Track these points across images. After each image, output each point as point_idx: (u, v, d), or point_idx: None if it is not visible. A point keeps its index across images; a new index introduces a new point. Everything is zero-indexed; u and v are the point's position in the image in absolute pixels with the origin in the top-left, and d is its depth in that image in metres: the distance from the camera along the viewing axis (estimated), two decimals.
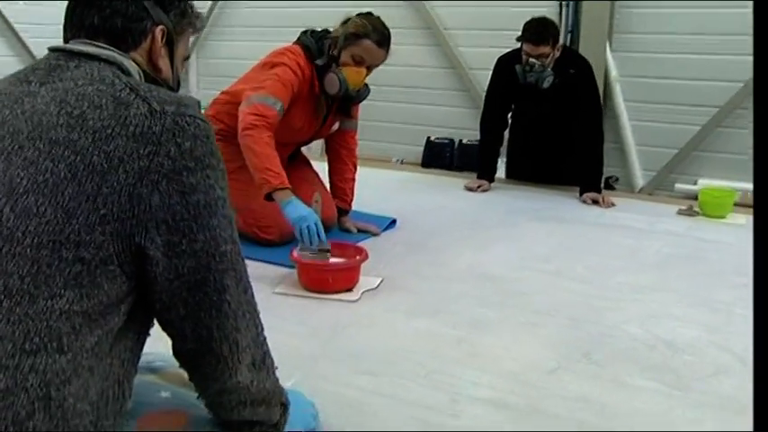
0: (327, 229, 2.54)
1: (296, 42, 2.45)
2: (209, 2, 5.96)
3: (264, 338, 1.09)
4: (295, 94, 2.34)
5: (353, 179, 2.66)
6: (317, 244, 2.09)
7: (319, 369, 1.54)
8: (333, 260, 2.07)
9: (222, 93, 2.57)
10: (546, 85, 3.11)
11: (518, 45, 3.14)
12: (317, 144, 2.87)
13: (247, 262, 2.23)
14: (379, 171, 3.88)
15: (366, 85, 2.49)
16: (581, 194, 3.20)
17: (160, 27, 1.07)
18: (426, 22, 5.10)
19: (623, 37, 4.45)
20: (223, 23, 6.04)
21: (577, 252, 2.44)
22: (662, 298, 2.02)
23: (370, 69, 2.42)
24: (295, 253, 2.06)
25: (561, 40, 4.37)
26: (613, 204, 3.12)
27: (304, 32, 2.47)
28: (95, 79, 0.92)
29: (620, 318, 1.86)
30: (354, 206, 2.70)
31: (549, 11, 4.47)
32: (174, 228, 0.89)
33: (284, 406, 1.16)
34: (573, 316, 1.86)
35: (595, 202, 3.14)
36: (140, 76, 1.03)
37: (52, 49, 1.00)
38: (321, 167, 2.74)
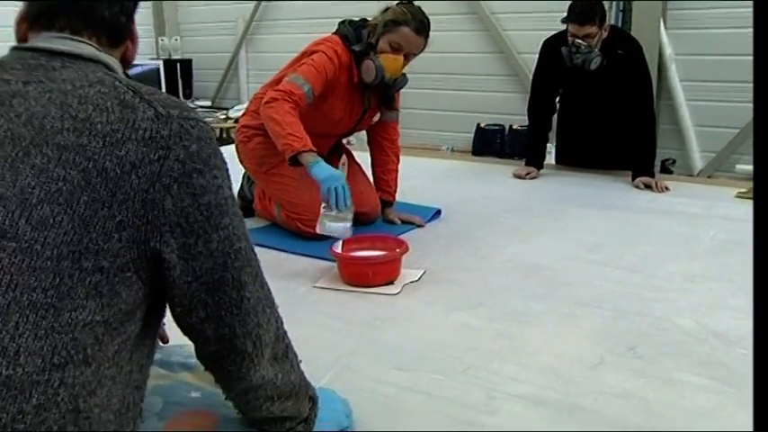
0: (371, 220, 2.55)
1: (335, 33, 2.44)
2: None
3: (285, 332, 1.08)
4: (331, 82, 2.32)
5: (396, 170, 2.64)
6: (344, 208, 2.09)
7: (355, 365, 1.52)
8: (373, 253, 2.05)
9: (262, 87, 2.58)
10: (593, 66, 3.01)
11: (564, 27, 3.05)
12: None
13: (288, 256, 2.26)
14: (427, 160, 3.85)
15: (404, 74, 2.45)
16: (633, 179, 3.10)
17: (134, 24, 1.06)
18: (473, 8, 5.01)
19: (677, 13, 4.27)
20: (270, 17, 6.08)
21: (627, 240, 2.36)
22: (716, 288, 1.93)
23: (407, 58, 2.38)
24: (334, 248, 2.04)
25: (613, 20, 4.28)
26: (667, 189, 3.02)
27: (342, 22, 2.46)
28: (93, 81, 0.90)
29: (670, 309, 1.78)
30: (400, 197, 2.68)
31: None
32: (188, 230, 0.89)
33: (312, 400, 1.16)
34: (619, 307, 1.80)
35: (648, 186, 3.03)
36: (128, 77, 1.02)
37: (22, 48, 0.96)
38: (364, 159, 2.72)
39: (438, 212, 2.67)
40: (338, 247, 2.05)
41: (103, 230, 0.84)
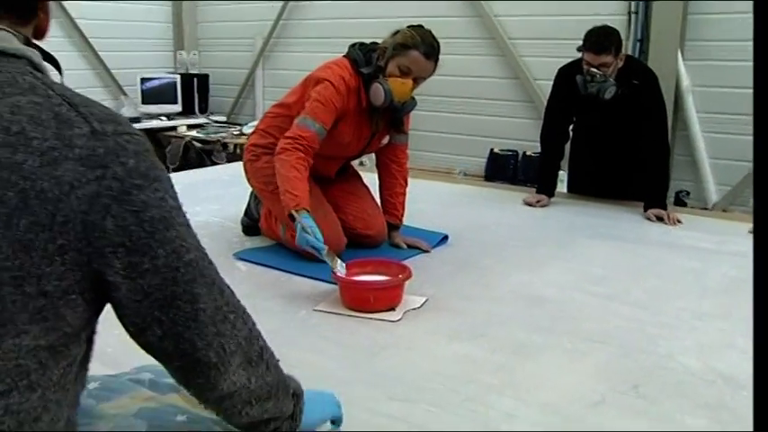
0: (377, 243, 2.53)
1: (344, 55, 2.43)
2: (277, 3, 6.05)
3: (258, 333, 1.05)
4: (340, 110, 2.32)
5: (404, 193, 2.62)
6: (323, 255, 2.10)
7: (350, 393, 1.48)
8: (375, 278, 2.02)
9: (273, 106, 2.58)
10: (608, 95, 2.99)
11: (580, 55, 3.04)
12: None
13: (291, 277, 2.24)
14: (438, 184, 3.83)
15: (413, 97, 2.44)
16: (645, 211, 3.06)
17: None
18: (491, 32, 5.01)
19: (696, 45, 4.24)
20: (287, 35, 6.12)
21: (636, 274, 2.32)
22: (725, 327, 1.89)
23: (417, 82, 2.37)
24: (337, 272, 2.02)
25: (630, 50, 4.26)
26: (680, 222, 2.97)
27: (352, 45, 2.45)
28: (25, 88, 0.84)
29: (676, 348, 1.74)
30: (407, 220, 2.65)
31: (617, 19, 4.32)
32: (132, 248, 0.85)
33: (296, 395, 1.13)
34: (624, 344, 1.76)
35: (660, 219, 2.99)
36: (61, 72, 0.98)
37: None
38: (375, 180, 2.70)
39: (445, 238, 2.64)
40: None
41: (45, 254, 0.80)
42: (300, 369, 1.59)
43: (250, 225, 2.71)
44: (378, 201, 2.64)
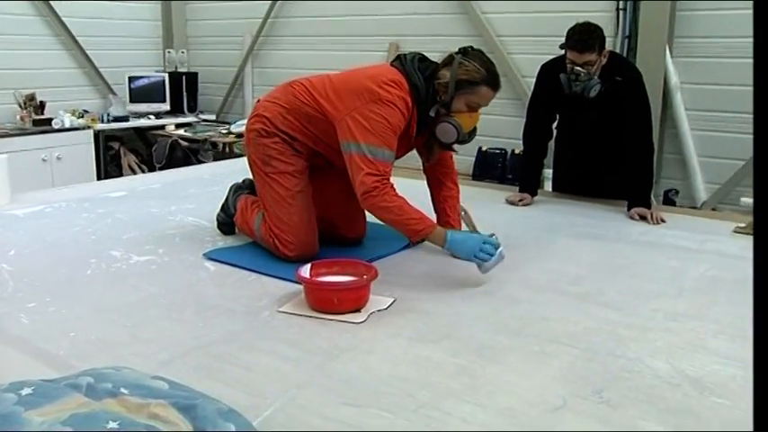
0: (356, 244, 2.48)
1: (401, 71, 2.25)
2: (266, 2, 6.00)
3: None
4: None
5: (453, 197, 2.54)
6: (497, 254, 2.11)
7: (303, 398, 1.44)
8: (340, 279, 1.97)
9: (305, 93, 2.31)
10: (593, 94, 2.94)
11: (563, 52, 2.98)
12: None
13: (259, 277, 2.19)
14: (420, 182, 3.76)
15: (474, 127, 2.37)
16: (628, 210, 3.00)
17: None
18: (478, 30, 4.96)
19: (684, 41, 4.19)
20: (276, 33, 6.07)
21: (612, 273, 2.27)
22: (698, 328, 1.83)
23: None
24: (301, 272, 1.97)
25: (618, 47, 4.21)
26: (663, 221, 2.92)
27: (402, 60, 2.29)
28: None
29: (646, 350, 1.69)
30: None
31: (605, 15, 4.27)
32: None
33: None
34: (592, 346, 1.70)
35: (643, 217, 2.94)
36: None
37: None
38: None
39: None
40: (306, 271, 1.97)
41: None
42: (255, 372, 1.56)
43: (225, 222, 2.65)
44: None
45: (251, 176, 2.49)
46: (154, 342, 1.71)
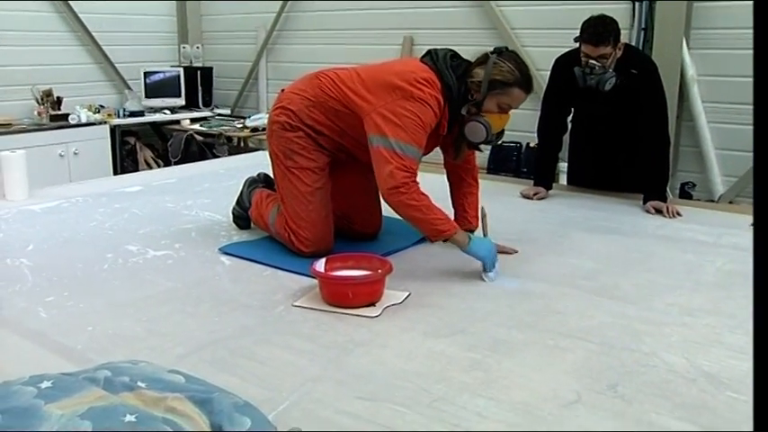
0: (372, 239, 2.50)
1: (432, 68, 2.22)
2: (280, 1, 6.01)
3: None
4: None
5: (473, 193, 2.51)
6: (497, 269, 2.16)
7: (318, 392, 1.45)
8: (355, 273, 1.98)
9: (332, 86, 2.29)
10: (608, 87, 2.92)
11: (577, 45, 2.96)
12: None
13: (274, 271, 2.20)
14: (435, 176, 3.76)
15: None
16: (644, 203, 2.99)
17: None
18: (493, 23, 4.94)
19: (701, 33, 4.14)
20: (290, 27, 6.08)
21: (628, 268, 2.26)
22: (714, 323, 1.82)
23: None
24: (316, 266, 1.98)
25: (634, 39, 4.17)
26: (679, 214, 2.90)
27: (433, 57, 2.25)
28: None
29: (661, 344, 1.68)
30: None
31: (621, 7, 4.24)
32: None
33: None
34: (607, 340, 1.70)
35: (659, 211, 2.92)
36: None
37: None
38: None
39: None
40: (320, 266, 1.98)
41: None
42: (270, 366, 1.57)
43: (240, 215, 2.67)
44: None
45: (266, 170, 2.49)
46: (170, 336, 1.72)
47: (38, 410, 1.12)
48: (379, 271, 1.95)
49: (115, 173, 5.55)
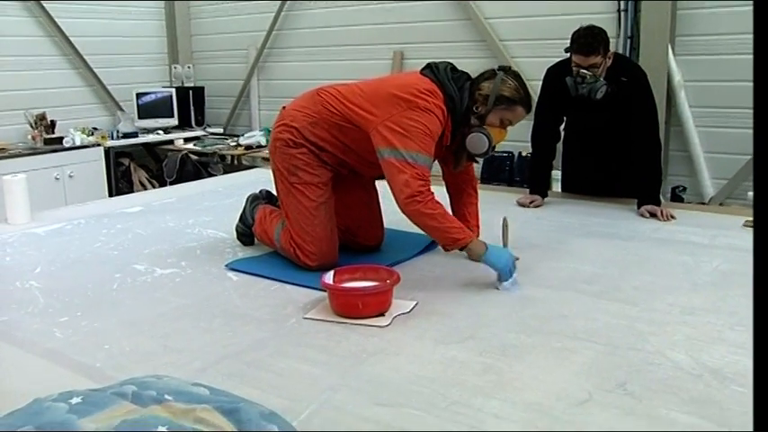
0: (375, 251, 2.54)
1: (433, 80, 2.27)
2: (269, 14, 6.07)
3: None
4: None
5: (473, 203, 2.59)
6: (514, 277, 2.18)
7: (337, 400, 1.49)
8: (364, 284, 2.02)
9: (337, 99, 2.33)
10: (599, 95, 2.99)
11: (568, 55, 3.03)
12: None
13: (282, 285, 2.24)
14: (434, 188, 3.81)
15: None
16: (638, 207, 3.05)
17: None
18: (482, 35, 5.02)
19: (686, 39, 4.24)
20: (281, 45, 6.14)
21: (626, 271, 2.31)
22: (715, 321, 1.88)
23: None
24: (325, 279, 2.02)
25: (620, 47, 4.26)
26: (673, 217, 2.96)
27: (434, 70, 2.31)
28: None
29: (665, 343, 1.73)
30: (398, 224, 2.64)
31: (607, 17, 4.33)
32: None
33: None
34: (613, 341, 1.75)
35: (653, 215, 2.98)
36: None
37: None
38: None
39: (434, 241, 2.63)
40: (329, 278, 2.02)
41: None
42: (287, 377, 1.61)
43: (244, 232, 2.71)
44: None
45: (262, 186, 2.53)
46: (185, 352, 1.76)
47: (72, 425, 1.15)
48: (388, 281, 1.99)
49: (110, 194, 5.57)
